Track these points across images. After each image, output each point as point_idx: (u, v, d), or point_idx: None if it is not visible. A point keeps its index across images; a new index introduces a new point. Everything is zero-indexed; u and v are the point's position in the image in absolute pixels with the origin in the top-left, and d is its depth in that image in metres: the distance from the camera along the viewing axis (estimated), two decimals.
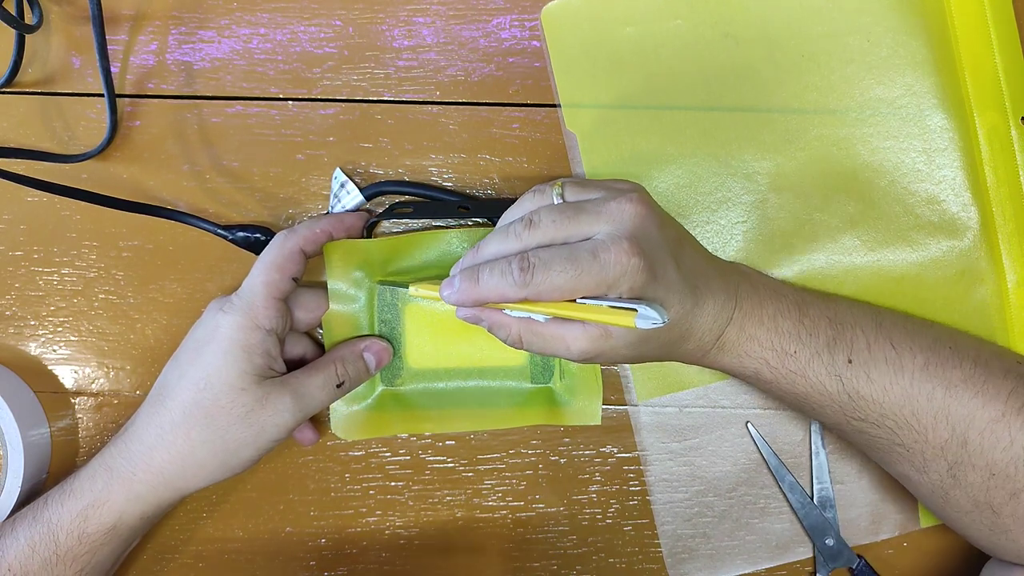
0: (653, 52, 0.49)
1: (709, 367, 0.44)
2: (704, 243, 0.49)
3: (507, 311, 0.40)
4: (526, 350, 0.41)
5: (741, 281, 0.44)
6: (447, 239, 0.47)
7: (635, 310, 0.36)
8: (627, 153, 0.49)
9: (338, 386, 0.45)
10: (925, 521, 0.50)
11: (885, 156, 0.49)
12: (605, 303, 0.37)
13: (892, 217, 0.49)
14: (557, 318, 0.39)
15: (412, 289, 0.43)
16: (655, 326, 0.36)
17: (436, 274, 0.47)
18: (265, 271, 0.44)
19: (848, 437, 0.45)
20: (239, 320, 0.43)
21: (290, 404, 0.43)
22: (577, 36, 0.49)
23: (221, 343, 0.42)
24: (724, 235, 0.49)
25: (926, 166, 0.49)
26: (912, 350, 0.42)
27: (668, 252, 0.39)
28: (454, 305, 0.40)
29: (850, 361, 0.42)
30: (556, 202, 0.41)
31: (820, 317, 0.43)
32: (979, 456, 0.40)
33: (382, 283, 0.48)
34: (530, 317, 0.39)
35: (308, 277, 0.48)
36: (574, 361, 0.41)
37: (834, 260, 0.49)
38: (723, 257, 0.49)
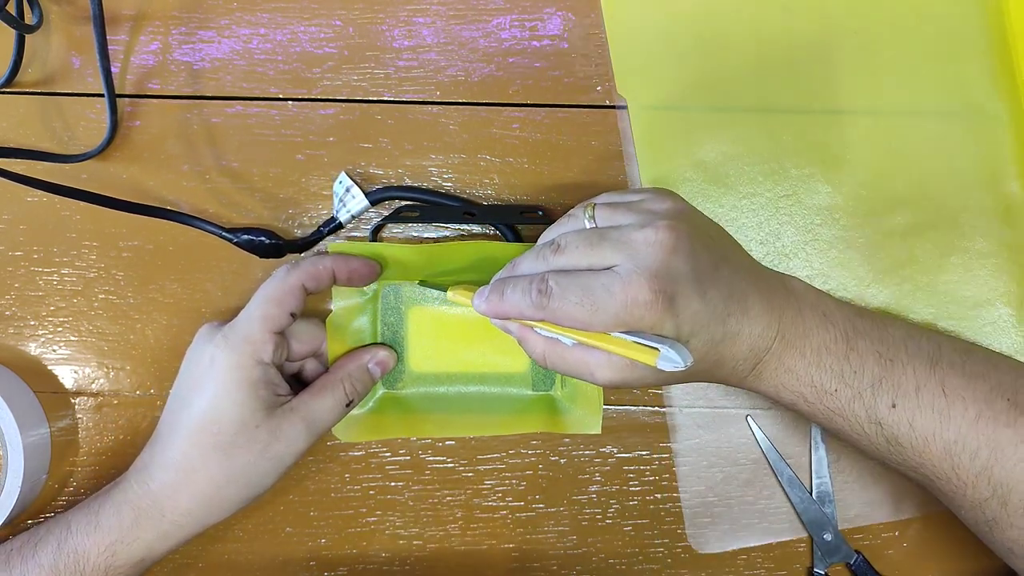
0: (715, 42, 0.49)
1: (746, 390, 0.43)
2: (752, 220, 0.49)
3: (536, 330, 0.39)
4: (550, 369, 0.40)
5: (786, 304, 0.41)
6: (467, 251, 0.47)
7: (658, 349, 0.35)
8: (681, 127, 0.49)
9: (347, 405, 0.45)
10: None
11: (947, 148, 0.49)
12: (631, 337, 0.36)
13: (949, 211, 0.48)
14: (583, 344, 0.38)
15: (450, 293, 0.43)
16: (676, 369, 0.35)
17: (475, 279, 0.46)
18: (263, 305, 0.43)
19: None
20: (237, 358, 0.42)
21: (303, 431, 0.43)
22: (635, 13, 0.49)
23: (225, 383, 0.42)
24: (770, 211, 0.50)
25: (993, 164, 0.48)
26: (964, 400, 0.39)
27: (695, 284, 0.37)
28: (482, 315, 0.40)
29: (894, 405, 0.40)
30: (587, 226, 0.40)
31: (869, 352, 0.40)
32: (1019, 517, 0.39)
33: (423, 283, 0.48)
34: (557, 339, 0.39)
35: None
36: (598, 386, 0.41)
37: (887, 262, 0.49)
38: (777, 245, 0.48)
